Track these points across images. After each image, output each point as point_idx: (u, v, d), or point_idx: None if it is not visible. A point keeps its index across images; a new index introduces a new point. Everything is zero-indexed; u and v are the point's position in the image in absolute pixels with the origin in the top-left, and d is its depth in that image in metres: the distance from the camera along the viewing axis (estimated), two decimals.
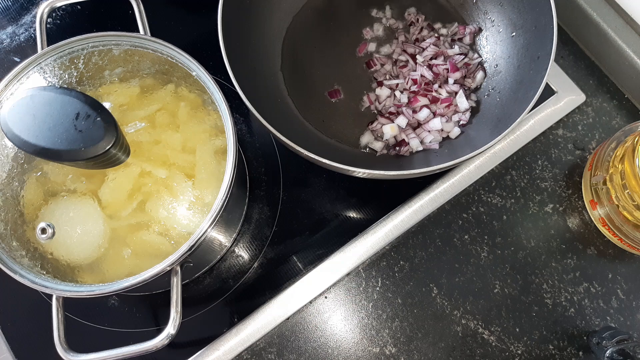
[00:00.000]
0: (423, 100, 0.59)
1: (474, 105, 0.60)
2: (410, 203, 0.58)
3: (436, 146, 0.58)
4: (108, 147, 0.40)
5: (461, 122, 0.59)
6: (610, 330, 0.53)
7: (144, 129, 0.47)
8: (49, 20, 0.68)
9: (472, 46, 0.63)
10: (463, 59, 0.61)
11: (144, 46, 0.49)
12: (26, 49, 0.68)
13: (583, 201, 0.59)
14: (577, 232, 0.59)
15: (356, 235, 0.57)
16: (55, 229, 0.44)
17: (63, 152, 0.39)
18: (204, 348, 0.54)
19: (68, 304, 0.52)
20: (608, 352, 0.51)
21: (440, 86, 0.60)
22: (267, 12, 0.61)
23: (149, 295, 0.56)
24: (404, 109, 0.59)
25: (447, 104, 0.59)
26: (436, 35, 0.63)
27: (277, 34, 0.63)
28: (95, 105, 0.40)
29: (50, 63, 0.48)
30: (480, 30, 0.62)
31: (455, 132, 0.58)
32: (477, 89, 0.61)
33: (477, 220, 0.59)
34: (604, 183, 0.53)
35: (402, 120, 0.59)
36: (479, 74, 0.60)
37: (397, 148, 0.58)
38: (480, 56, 0.62)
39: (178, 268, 0.45)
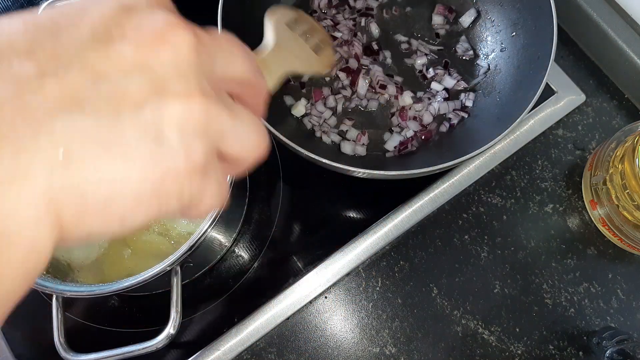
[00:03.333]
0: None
1: (470, 105, 0.60)
2: (410, 203, 0.58)
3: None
4: None
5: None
6: (610, 330, 0.53)
7: None
8: None
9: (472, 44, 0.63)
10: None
11: None
12: None
13: (583, 201, 0.59)
14: (577, 232, 0.59)
15: (356, 235, 0.57)
16: None
17: None
18: (204, 348, 0.54)
19: (68, 304, 0.52)
20: (608, 352, 0.51)
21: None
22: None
23: (149, 295, 0.56)
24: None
25: None
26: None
27: None
28: None
29: None
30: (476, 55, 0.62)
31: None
32: (477, 88, 0.61)
33: (477, 220, 0.59)
34: (604, 183, 0.53)
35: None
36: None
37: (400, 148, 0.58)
38: (477, 55, 0.62)
39: (178, 268, 0.46)
